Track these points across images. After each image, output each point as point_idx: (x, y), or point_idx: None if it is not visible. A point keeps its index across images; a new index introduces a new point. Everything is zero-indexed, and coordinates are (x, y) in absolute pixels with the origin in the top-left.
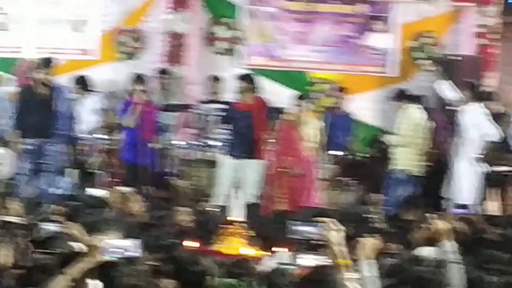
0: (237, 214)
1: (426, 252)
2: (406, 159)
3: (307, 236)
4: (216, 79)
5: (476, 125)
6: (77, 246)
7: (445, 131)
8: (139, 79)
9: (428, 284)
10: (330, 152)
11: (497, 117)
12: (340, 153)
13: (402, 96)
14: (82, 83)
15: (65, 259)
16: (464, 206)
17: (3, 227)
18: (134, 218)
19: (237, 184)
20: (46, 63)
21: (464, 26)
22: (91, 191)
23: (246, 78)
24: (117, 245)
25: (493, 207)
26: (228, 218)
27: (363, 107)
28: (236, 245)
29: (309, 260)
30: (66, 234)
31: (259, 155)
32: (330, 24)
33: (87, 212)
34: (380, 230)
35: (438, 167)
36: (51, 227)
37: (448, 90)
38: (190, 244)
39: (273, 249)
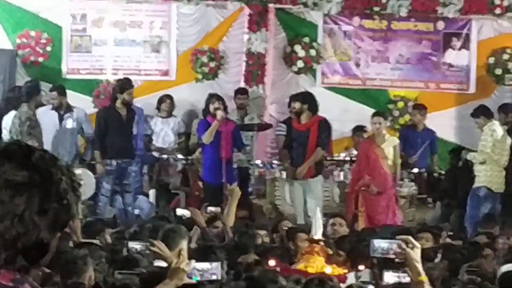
0: (317, 232)
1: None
2: (489, 176)
3: (388, 254)
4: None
5: None
6: (163, 265)
7: None
8: (216, 98)
9: None
10: (410, 169)
11: None
12: (420, 170)
13: (483, 113)
14: (160, 104)
15: (149, 278)
16: None
17: (88, 248)
18: (218, 238)
19: (306, 202)
20: (126, 84)
21: None
22: (179, 212)
23: (300, 98)
24: (198, 268)
25: None
26: (310, 236)
27: (443, 124)
28: (318, 264)
29: (390, 277)
30: (153, 253)
31: (320, 173)
32: (408, 42)
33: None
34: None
35: None
36: (137, 246)
37: None
38: (272, 263)
39: (355, 266)
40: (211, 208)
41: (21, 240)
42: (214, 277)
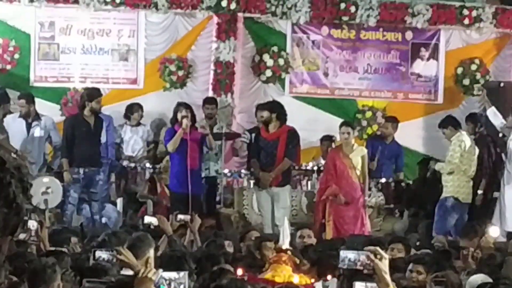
0: (285, 241)
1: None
2: (457, 186)
3: (355, 265)
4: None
5: None
6: (130, 273)
7: (494, 157)
8: (184, 106)
9: None
10: (377, 179)
11: None
12: (387, 180)
13: (450, 123)
14: (131, 112)
15: (116, 287)
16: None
17: (56, 257)
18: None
19: (274, 211)
20: (95, 93)
21: (511, 52)
22: (147, 219)
23: (268, 107)
24: (165, 277)
25: None
26: (277, 245)
27: (411, 134)
28: (286, 273)
29: (359, 287)
30: (120, 261)
31: (288, 182)
32: (376, 52)
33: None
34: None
35: (487, 194)
36: (104, 254)
37: (495, 116)
38: (239, 272)
39: (323, 276)
40: (180, 216)
41: None
42: (181, 287)
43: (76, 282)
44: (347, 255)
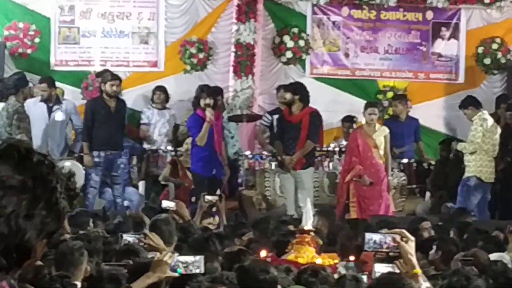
0: (308, 222)
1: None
2: (479, 166)
3: (382, 247)
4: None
5: None
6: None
7: None
8: (207, 93)
9: None
10: (399, 159)
11: None
12: (409, 160)
13: (470, 103)
14: (155, 96)
15: (136, 270)
16: None
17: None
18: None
19: (296, 193)
20: (115, 75)
21: None
22: (165, 204)
23: (291, 89)
24: (182, 260)
25: None
26: (300, 227)
27: (432, 114)
28: (309, 254)
29: (381, 267)
30: (148, 245)
31: (311, 164)
32: (397, 32)
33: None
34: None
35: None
36: (131, 238)
37: None
38: (263, 254)
39: (346, 257)
40: (208, 197)
41: (3, 241)
42: (197, 270)
43: (97, 265)
44: (372, 237)
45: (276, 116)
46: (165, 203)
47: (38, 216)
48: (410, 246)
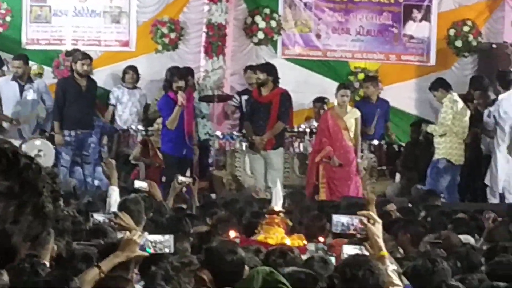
0: (277, 203)
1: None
2: (449, 148)
3: (349, 229)
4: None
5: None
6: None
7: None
8: (178, 76)
9: None
10: (369, 141)
11: None
12: (380, 142)
13: (441, 86)
14: (127, 75)
15: (106, 249)
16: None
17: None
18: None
19: (266, 174)
20: (85, 55)
21: (503, 14)
22: (137, 184)
23: (265, 69)
24: (151, 239)
25: None
26: (270, 207)
27: (403, 96)
28: (278, 235)
29: (350, 249)
30: (118, 225)
31: (281, 145)
32: (368, 13)
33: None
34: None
35: (479, 156)
36: (101, 217)
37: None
38: (232, 234)
39: (314, 239)
40: (182, 178)
41: None
42: (166, 250)
43: (67, 244)
44: (340, 219)
45: (245, 97)
46: (138, 183)
47: (25, 221)
48: (377, 228)
